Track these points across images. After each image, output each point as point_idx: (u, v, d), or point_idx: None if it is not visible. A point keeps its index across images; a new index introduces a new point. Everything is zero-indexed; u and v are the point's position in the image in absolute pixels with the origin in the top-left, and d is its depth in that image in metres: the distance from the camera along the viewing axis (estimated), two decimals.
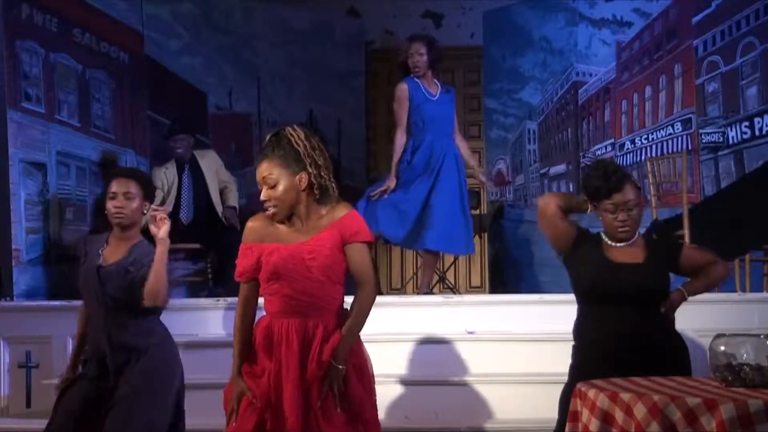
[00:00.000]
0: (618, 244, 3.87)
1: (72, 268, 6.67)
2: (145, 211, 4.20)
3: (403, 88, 6.51)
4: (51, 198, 6.82)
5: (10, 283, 6.35)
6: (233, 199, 7.48)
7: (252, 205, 6.74)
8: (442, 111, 6.55)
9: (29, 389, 5.89)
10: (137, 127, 7.79)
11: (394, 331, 5.49)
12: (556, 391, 3.97)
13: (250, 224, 3.63)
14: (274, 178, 3.52)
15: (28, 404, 5.89)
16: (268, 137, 3.59)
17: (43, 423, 4.32)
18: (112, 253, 4.17)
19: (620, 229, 3.82)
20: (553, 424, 3.94)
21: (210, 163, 7.51)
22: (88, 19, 7.33)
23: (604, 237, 3.90)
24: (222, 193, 7.49)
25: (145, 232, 4.17)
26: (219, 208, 7.42)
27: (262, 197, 3.54)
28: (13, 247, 6.41)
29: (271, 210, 3.54)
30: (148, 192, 4.27)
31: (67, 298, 6.21)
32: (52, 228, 6.80)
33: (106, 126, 7.50)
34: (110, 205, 4.16)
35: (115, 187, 4.16)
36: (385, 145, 8.66)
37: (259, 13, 9.09)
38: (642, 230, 4.02)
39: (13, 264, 6.38)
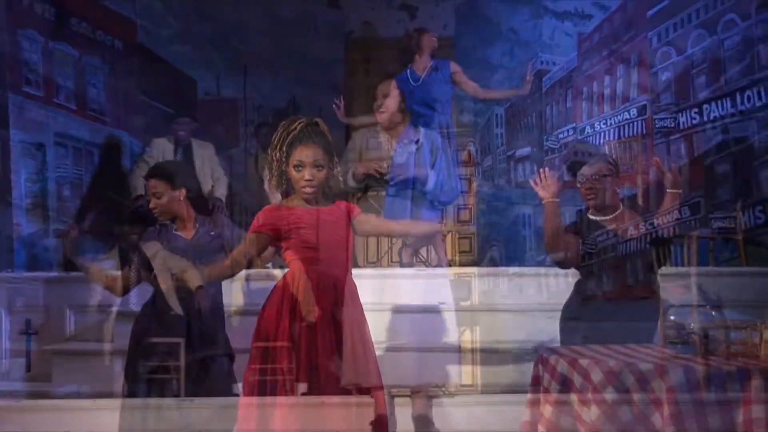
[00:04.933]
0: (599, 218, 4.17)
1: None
2: (181, 198, 4.31)
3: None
4: (49, 176, 6.79)
5: (11, 255, 6.32)
6: (220, 192, 7.34)
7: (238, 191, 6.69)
8: (430, 92, 6.17)
9: (29, 355, 5.85)
10: (130, 110, 7.75)
11: (369, 302, 5.46)
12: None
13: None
14: (323, 163, 3.52)
15: (29, 368, 5.85)
16: (302, 123, 3.54)
17: (42, 386, 4.27)
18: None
19: (587, 198, 4.17)
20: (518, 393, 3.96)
21: (205, 156, 7.33)
22: (85, 9, 7.30)
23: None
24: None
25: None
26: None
27: (308, 177, 3.51)
28: (14, 221, 6.38)
29: (311, 190, 3.54)
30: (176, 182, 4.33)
31: (64, 270, 6.17)
32: (50, 204, 6.77)
33: (101, 109, 7.47)
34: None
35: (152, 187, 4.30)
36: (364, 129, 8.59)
37: (247, 4, 9.01)
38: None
39: (14, 237, 6.36)
